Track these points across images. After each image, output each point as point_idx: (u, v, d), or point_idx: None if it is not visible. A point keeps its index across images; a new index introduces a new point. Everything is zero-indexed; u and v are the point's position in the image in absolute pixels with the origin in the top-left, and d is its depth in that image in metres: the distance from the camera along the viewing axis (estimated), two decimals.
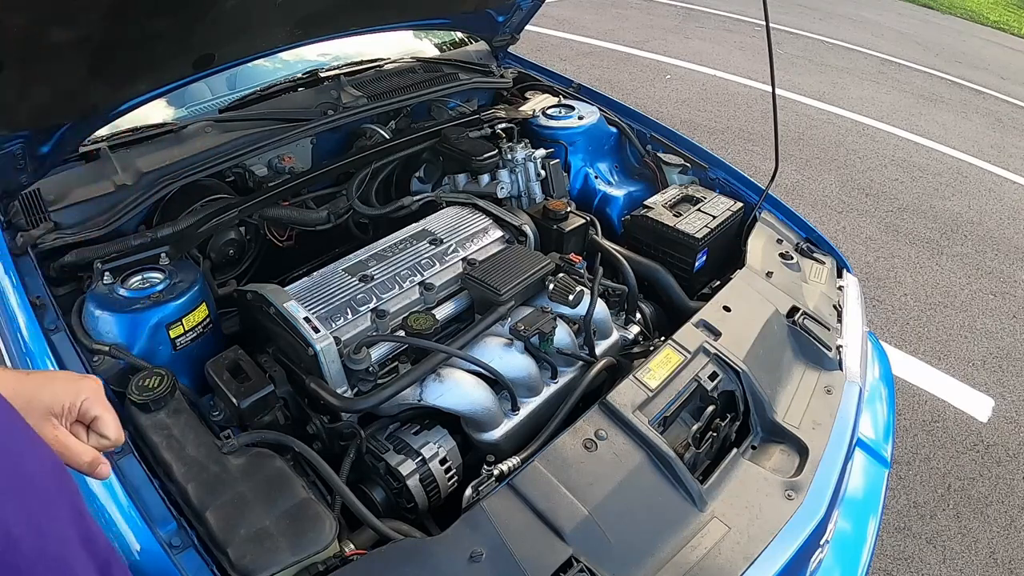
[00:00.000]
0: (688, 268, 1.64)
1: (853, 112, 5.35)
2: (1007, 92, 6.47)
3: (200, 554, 0.89)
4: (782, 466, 1.23)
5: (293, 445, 1.06)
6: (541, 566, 0.95)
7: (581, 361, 1.34)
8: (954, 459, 2.45)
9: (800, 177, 4.29)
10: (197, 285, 1.24)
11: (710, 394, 1.27)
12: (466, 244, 1.49)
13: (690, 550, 1.04)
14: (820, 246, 1.78)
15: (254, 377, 1.15)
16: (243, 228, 1.57)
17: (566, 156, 1.95)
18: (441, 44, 2.33)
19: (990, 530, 2.20)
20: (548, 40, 6.11)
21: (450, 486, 1.19)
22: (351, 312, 1.27)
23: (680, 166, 1.92)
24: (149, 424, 1.02)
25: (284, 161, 1.66)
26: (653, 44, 6.33)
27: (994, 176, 4.68)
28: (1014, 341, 3.09)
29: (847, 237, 3.71)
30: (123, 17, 1.09)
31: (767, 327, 1.42)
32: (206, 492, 0.94)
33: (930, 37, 8.08)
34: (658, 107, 5.00)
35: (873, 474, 1.48)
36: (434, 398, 1.19)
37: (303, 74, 1.90)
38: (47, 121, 1.21)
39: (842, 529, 1.35)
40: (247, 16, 1.35)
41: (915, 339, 3.03)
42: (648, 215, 1.68)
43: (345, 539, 1.01)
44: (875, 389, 1.62)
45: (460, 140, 1.74)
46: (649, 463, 1.12)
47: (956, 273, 3.53)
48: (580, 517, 1.02)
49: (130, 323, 1.17)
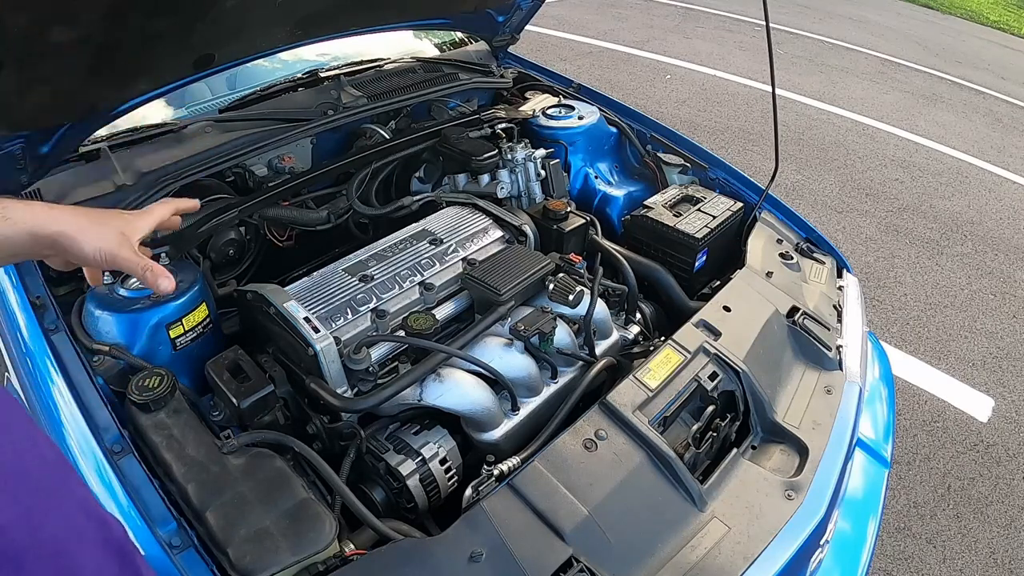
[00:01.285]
0: (688, 268, 1.64)
1: (853, 112, 5.36)
2: (1007, 92, 6.48)
3: (200, 554, 0.89)
4: (782, 466, 1.23)
5: (293, 445, 1.06)
6: (541, 566, 0.95)
7: (581, 361, 1.34)
8: (954, 459, 2.45)
9: (800, 177, 4.29)
10: (197, 285, 1.24)
11: (710, 394, 1.27)
12: (466, 244, 1.49)
13: (690, 550, 1.04)
14: (820, 246, 1.78)
15: (254, 377, 1.15)
16: (243, 228, 1.57)
17: (566, 156, 1.95)
18: (441, 44, 2.33)
19: (990, 530, 2.20)
20: (548, 40, 6.12)
21: (450, 486, 1.19)
22: (351, 312, 1.27)
23: (680, 166, 1.92)
24: (149, 424, 1.02)
25: (284, 161, 1.66)
26: (653, 44, 6.34)
27: (994, 176, 4.68)
28: (1014, 341, 3.09)
29: (847, 237, 3.71)
30: (123, 17, 1.09)
31: (767, 327, 1.42)
32: (206, 492, 0.94)
33: (930, 37, 8.08)
34: (658, 107, 5.00)
35: (873, 474, 1.48)
36: (434, 398, 1.19)
37: (303, 74, 1.89)
38: (47, 121, 1.21)
39: (842, 529, 1.35)
40: (247, 16, 1.34)
41: (915, 339, 3.03)
42: (648, 215, 1.68)
43: (345, 539, 1.01)
44: (875, 389, 1.62)
45: (460, 140, 1.74)
46: (649, 463, 1.12)
47: (956, 273, 3.53)
48: (580, 517, 1.02)
49: (130, 323, 1.17)
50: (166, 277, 0.84)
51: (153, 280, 0.83)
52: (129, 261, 0.82)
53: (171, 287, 0.84)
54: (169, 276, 0.84)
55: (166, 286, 0.84)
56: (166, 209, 0.95)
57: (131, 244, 0.83)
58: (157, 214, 0.92)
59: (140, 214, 0.90)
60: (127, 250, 0.82)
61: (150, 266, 0.84)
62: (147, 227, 0.89)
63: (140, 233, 0.87)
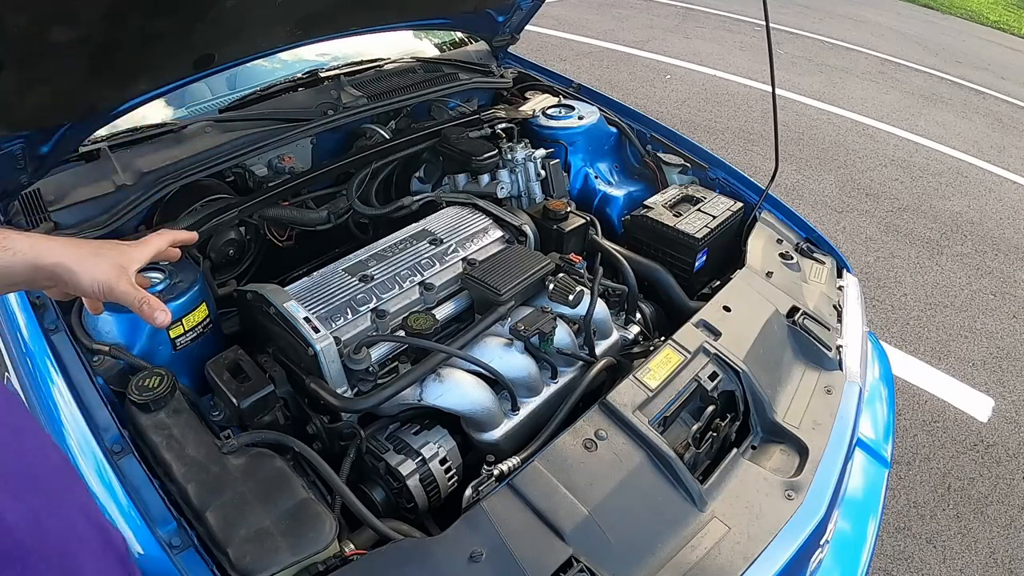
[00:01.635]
0: (688, 268, 1.64)
1: (853, 112, 5.36)
2: (1007, 92, 6.48)
3: (200, 554, 0.89)
4: (782, 466, 1.23)
5: (293, 445, 1.06)
6: (541, 566, 0.95)
7: (581, 361, 1.34)
8: (954, 459, 2.45)
9: (800, 177, 4.29)
10: (197, 285, 1.24)
11: (710, 394, 1.27)
12: (466, 244, 1.49)
13: (690, 550, 1.04)
14: (820, 246, 1.78)
15: (254, 377, 1.15)
16: (243, 228, 1.57)
17: (566, 156, 1.95)
18: (441, 44, 2.33)
19: (990, 530, 2.20)
20: (548, 40, 6.11)
21: (450, 486, 1.19)
22: (351, 312, 1.27)
23: (680, 166, 1.92)
24: (149, 424, 1.02)
25: (284, 161, 1.66)
26: (653, 44, 6.34)
27: (994, 176, 4.68)
28: (1014, 341, 3.09)
29: (847, 237, 3.71)
30: (123, 17, 1.09)
31: (767, 327, 1.42)
32: (206, 492, 0.94)
33: (930, 37, 8.08)
34: (658, 107, 5.00)
35: (873, 474, 1.48)
36: (434, 398, 1.19)
37: (303, 74, 1.89)
38: (47, 121, 1.21)
39: (842, 529, 1.35)
40: (247, 16, 1.34)
41: (915, 339, 3.03)
42: (648, 215, 1.68)
43: (345, 539, 1.01)
44: (875, 389, 1.62)
45: (460, 140, 1.74)
46: (649, 463, 1.12)
47: (956, 273, 3.53)
48: (580, 517, 1.02)
49: (130, 323, 1.17)
50: (162, 311, 0.86)
51: (150, 313, 0.84)
52: (127, 295, 0.84)
53: (167, 320, 0.86)
54: (165, 310, 0.86)
55: (162, 319, 0.85)
56: (163, 240, 0.96)
57: (128, 276, 0.85)
58: (154, 245, 0.94)
59: (137, 245, 0.91)
60: (124, 283, 0.84)
61: (147, 299, 0.85)
62: (144, 258, 0.91)
63: (137, 264, 0.89)
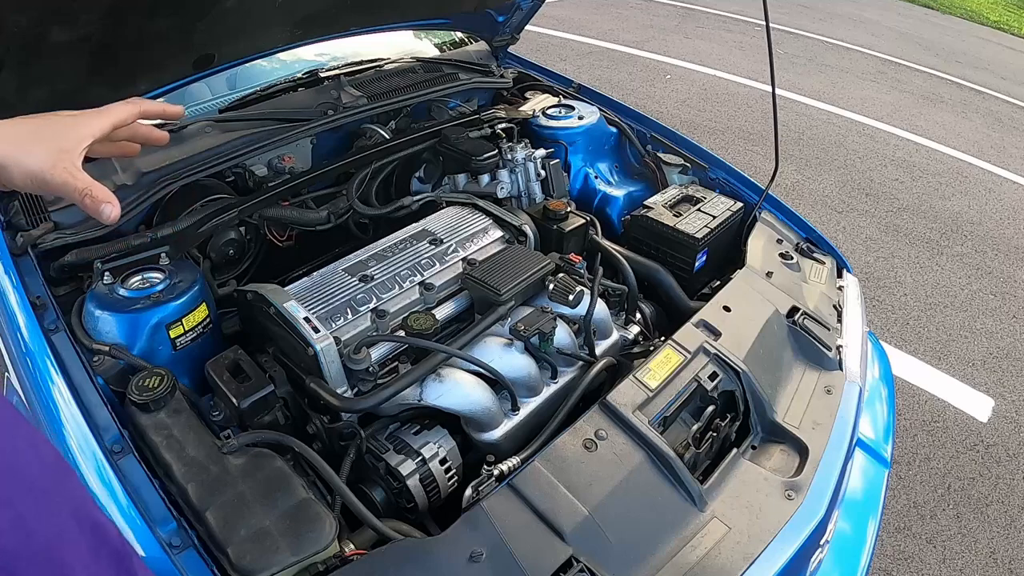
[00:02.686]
0: (688, 268, 1.64)
1: (853, 112, 5.36)
2: (1007, 92, 6.48)
3: (200, 554, 0.89)
4: (782, 466, 1.23)
5: (293, 445, 1.06)
6: (541, 566, 0.95)
7: (581, 361, 1.34)
8: (954, 459, 2.45)
9: (800, 177, 4.29)
10: (197, 285, 1.24)
11: (710, 394, 1.27)
12: (466, 244, 1.49)
13: (690, 550, 1.04)
14: (820, 246, 1.78)
15: (254, 377, 1.15)
16: (243, 228, 1.57)
17: (566, 156, 1.95)
18: (441, 44, 2.33)
19: (990, 530, 2.20)
20: (548, 40, 6.12)
21: (450, 486, 1.19)
22: (351, 312, 1.27)
23: (680, 166, 1.92)
24: (149, 424, 1.02)
25: (284, 161, 1.66)
26: (653, 44, 6.34)
27: (994, 176, 4.68)
28: (1014, 341, 3.09)
29: (847, 237, 3.71)
30: (123, 17, 1.09)
31: (767, 327, 1.42)
32: (206, 492, 0.94)
33: (930, 37, 8.08)
34: (658, 107, 5.00)
35: (873, 474, 1.48)
36: (434, 398, 1.19)
37: (303, 74, 1.89)
38: None
39: (842, 529, 1.35)
40: (247, 16, 1.35)
41: (915, 339, 3.03)
42: (648, 215, 1.68)
43: (345, 539, 1.01)
44: (875, 389, 1.62)
45: (460, 140, 1.74)
46: (649, 463, 1.12)
47: (956, 273, 3.53)
48: (580, 517, 1.02)
49: (130, 323, 1.17)
50: (109, 203, 0.69)
51: (94, 207, 0.68)
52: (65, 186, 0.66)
53: (115, 214, 0.70)
54: (113, 201, 0.69)
55: (109, 212, 0.69)
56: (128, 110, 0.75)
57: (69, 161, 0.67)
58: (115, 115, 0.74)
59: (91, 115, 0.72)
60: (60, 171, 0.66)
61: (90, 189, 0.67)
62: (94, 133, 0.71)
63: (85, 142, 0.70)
